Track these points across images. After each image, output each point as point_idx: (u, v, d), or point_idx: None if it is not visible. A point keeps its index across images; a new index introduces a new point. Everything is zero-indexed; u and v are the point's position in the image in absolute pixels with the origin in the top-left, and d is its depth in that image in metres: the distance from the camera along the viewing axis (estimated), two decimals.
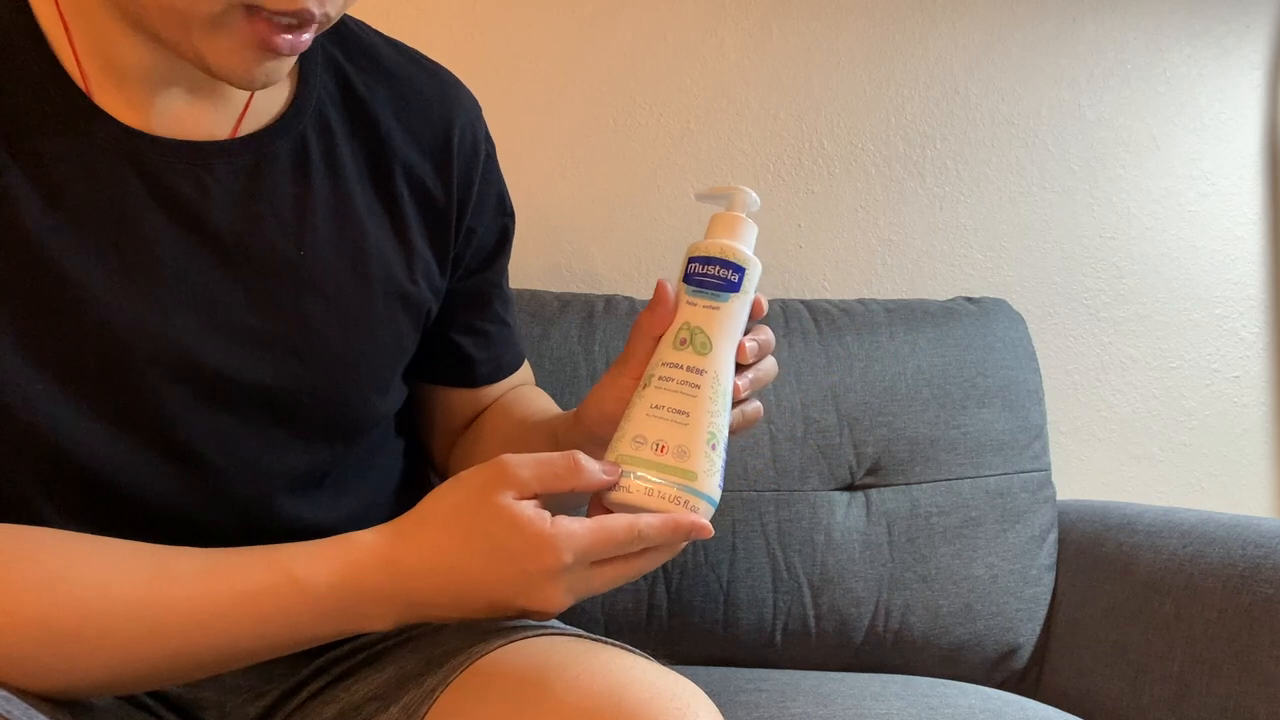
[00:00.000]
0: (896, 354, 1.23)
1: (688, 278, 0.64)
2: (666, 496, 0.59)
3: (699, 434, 0.60)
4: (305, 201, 0.65)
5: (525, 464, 0.58)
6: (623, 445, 0.61)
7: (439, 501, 0.59)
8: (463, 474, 0.59)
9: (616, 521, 0.57)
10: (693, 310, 0.63)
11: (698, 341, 0.62)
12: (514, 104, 1.36)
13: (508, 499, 0.56)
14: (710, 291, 0.63)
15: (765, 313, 0.66)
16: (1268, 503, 1.57)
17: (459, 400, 0.83)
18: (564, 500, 0.60)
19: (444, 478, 0.84)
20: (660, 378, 0.61)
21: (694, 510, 0.59)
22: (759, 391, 0.67)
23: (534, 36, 1.36)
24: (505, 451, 0.68)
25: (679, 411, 0.60)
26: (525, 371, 0.88)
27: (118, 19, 0.57)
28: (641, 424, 0.60)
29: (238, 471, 0.65)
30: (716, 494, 0.61)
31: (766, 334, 0.66)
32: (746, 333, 0.65)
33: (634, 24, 1.39)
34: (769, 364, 0.67)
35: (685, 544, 0.61)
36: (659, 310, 0.63)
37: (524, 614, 0.58)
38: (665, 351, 0.62)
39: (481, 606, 0.58)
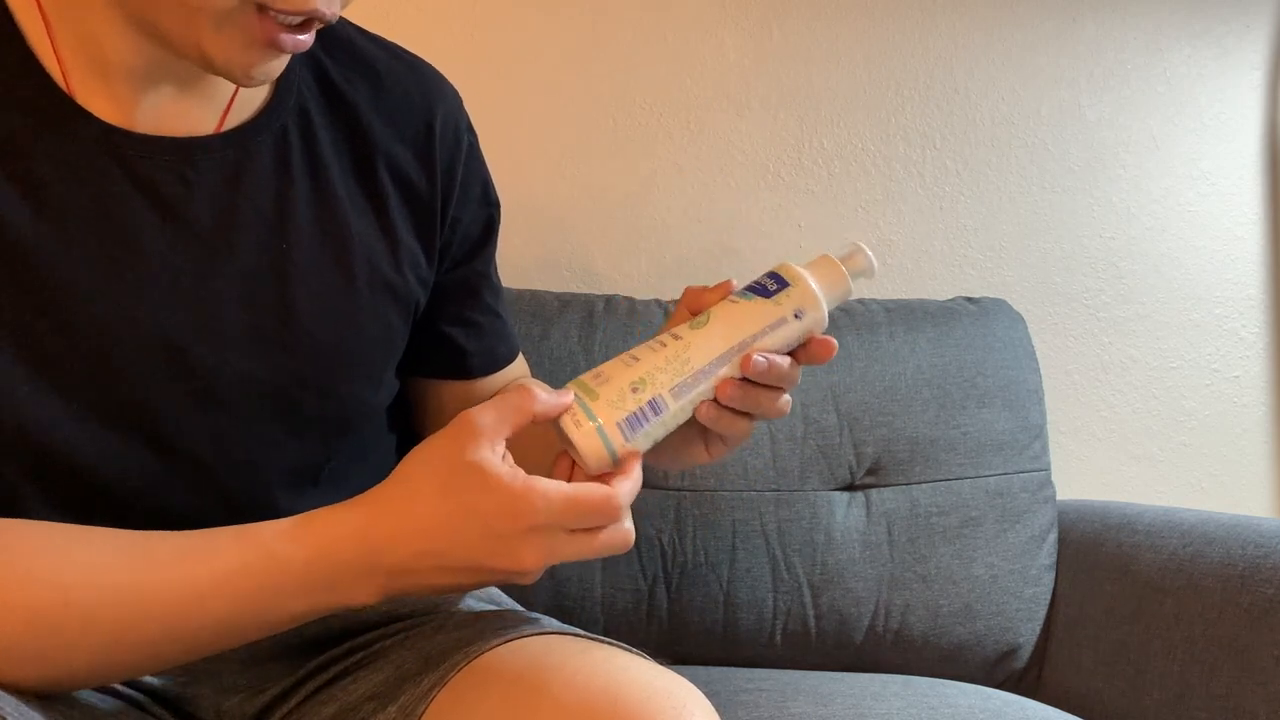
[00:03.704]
0: (896, 354, 1.23)
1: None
2: (561, 404, 0.60)
3: (630, 373, 0.61)
4: (288, 195, 0.65)
5: (486, 410, 0.58)
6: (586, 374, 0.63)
7: (411, 467, 0.59)
8: (431, 436, 0.59)
9: (594, 490, 0.57)
10: (722, 302, 0.65)
11: (698, 319, 0.63)
12: (514, 104, 1.36)
13: (477, 455, 0.56)
14: (745, 292, 0.64)
15: (827, 356, 0.65)
16: (1268, 503, 1.57)
17: (455, 394, 0.83)
18: (539, 444, 0.62)
19: None
20: (653, 338, 0.64)
21: (576, 423, 0.59)
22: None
23: (534, 36, 1.36)
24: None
25: (634, 357, 0.62)
26: (521, 365, 0.88)
27: (110, 15, 0.57)
28: (609, 362, 0.63)
29: (231, 469, 0.65)
30: (614, 433, 0.59)
31: (792, 371, 0.64)
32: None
33: (634, 24, 1.39)
34: (781, 402, 0.65)
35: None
36: (708, 293, 0.65)
37: (503, 577, 0.57)
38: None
39: (458, 569, 0.57)
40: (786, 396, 0.66)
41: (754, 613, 1.15)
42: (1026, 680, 1.22)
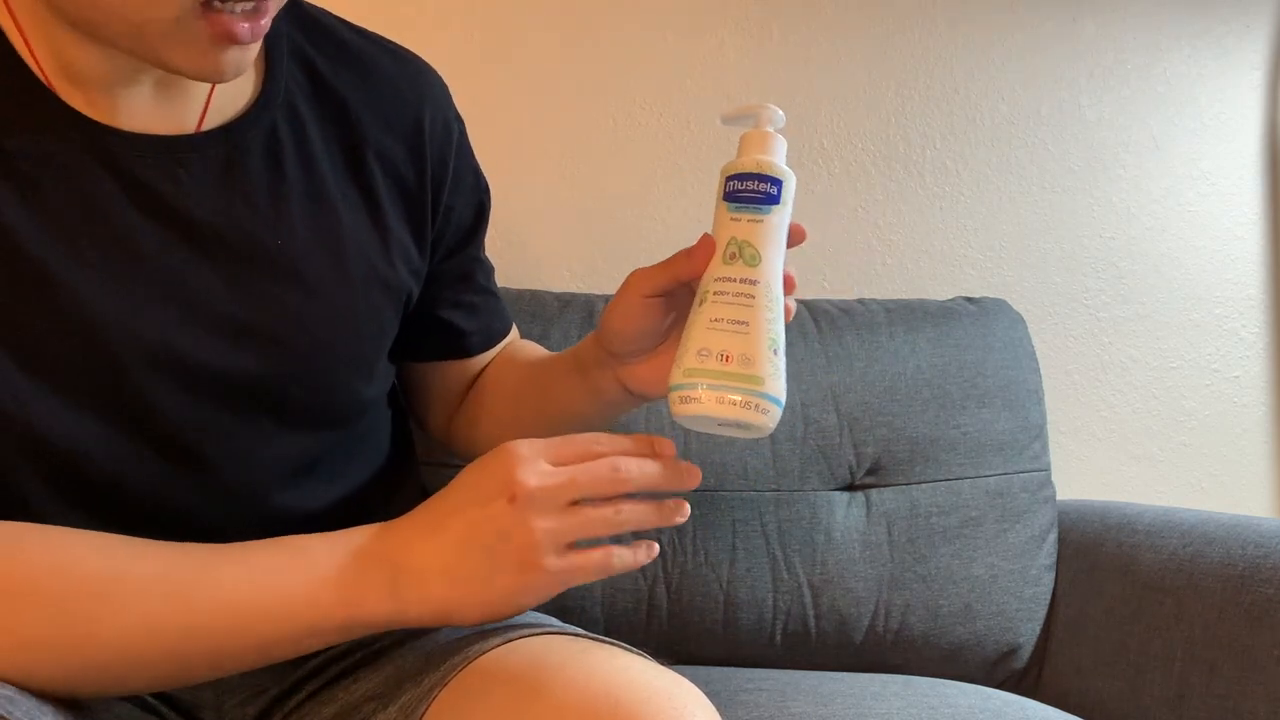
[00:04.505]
0: (896, 354, 1.23)
1: (728, 196, 0.66)
2: (738, 402, 0.61)
3: (760, 341, 0.62)
4: (280, 191, 0.66)
5: (530, 441, 0.60)
6: (688, 359, 0.62)
7: (443, 490, 0.62)
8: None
9: (578, 435, 0.60)
10: (737, 225, 0.65)
11: (746, 254, 0.64)
12: (514, 104, 1.36)
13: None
14: (752, 206, 0.65)
15: (804, 238, 0.68)
16: (1268, 503, 1.57)
17: (454, 371, 0.85)
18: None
19: (445, 447, 0.88)
20: (716, 292, 0.63)
21: (765, 413, 0.61)
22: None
23: (534, 37, 1.36)
24: (513, 403, 0.76)
25: (738, 322, 0.62)
26: (514, 334, 0.90)
27: (70, 30, 0.57)
28: (704, 337, 0.62)
29: (228, 462, 0.65)
30: (783, 396, 0.63)
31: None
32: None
33: (634, 24, 1.39)
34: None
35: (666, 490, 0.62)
36: (695, 259, 0.65)
37: (498, 537, 0.58)
38: (716, 267, 0.64)
39: (455, 538, 0.58)
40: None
41: (754, 613, 1.15)
42: (1026, 680, 1.22)
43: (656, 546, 0.62)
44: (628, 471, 0.60)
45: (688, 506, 0.61)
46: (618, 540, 0.61)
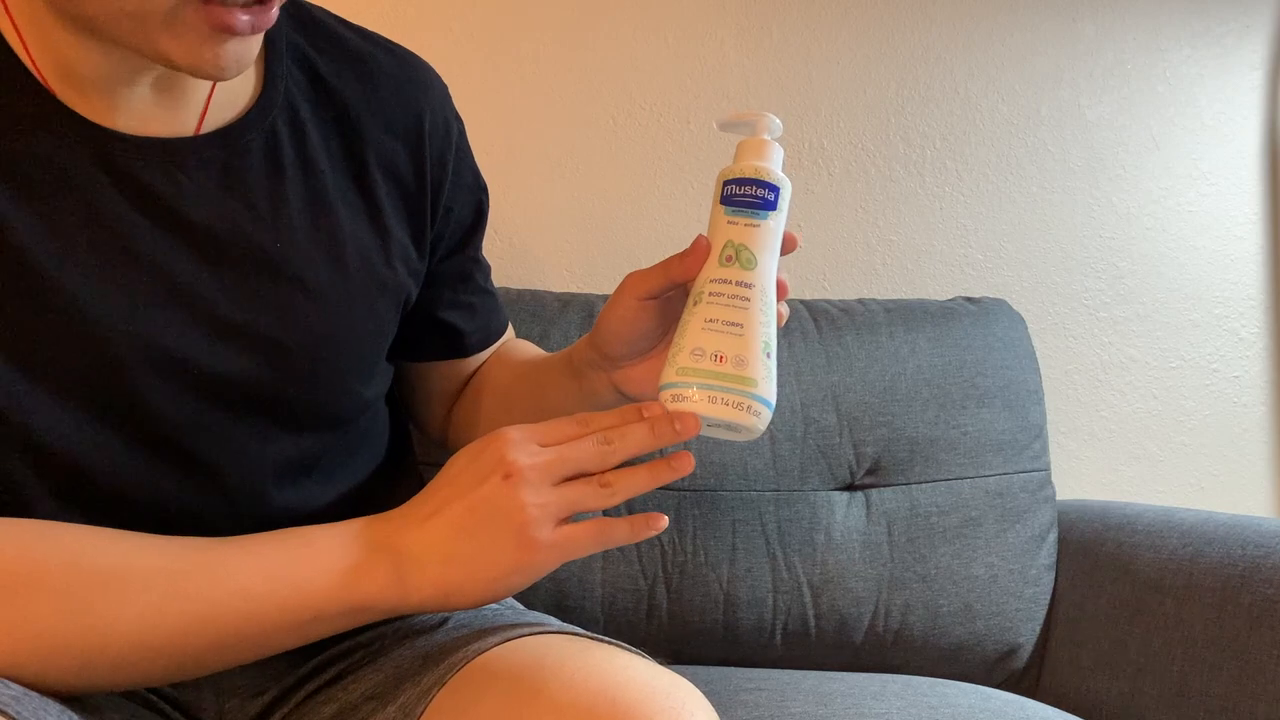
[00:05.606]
0: (896, 354, 1.23)
1: (725, 199, 0.66)
2: (730, 402, 0.61)
3: (754, 343, 0.63)
4: (280, 193, 0.66)
5: (519, 426, 0.61)
6: (682, 358, 0.63)
7: (438, 475, 0.63)
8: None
9: (566, 418, 0.61)
10: (734, 229, 0.65)
11: (743, 257, 0.65)
12: (514, 104, 1.36)
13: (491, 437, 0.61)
14: (750, 210, 0.65)
15: (797, 247, 0.68)
16: (1268, 503, 1.57)
17: (451, 371, 0.85)
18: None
19: (440, 446, 0.88)
20: (711, 293, 0.64)
21: (756, 415, 0.62)
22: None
23: (534, 37, 1.36)
24: (507, 402, 0.77)
25: (733, 323, 0.63)
26: (509, 332, 0.91)
27: (68, 29, 0.57)
28: (698, 337, 0.63)
29: (227, 464, 0.65)
30: (773, 399, 0.63)
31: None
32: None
33: (634, 24, 1.39)
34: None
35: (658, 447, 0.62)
36: (690, 261, 0.65)
37: (494, 515, 0.58)
38: (712, 269, 0.65)
39: (452, 522, 0.59)
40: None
41: (754, 613, 1.15)
42: (1026, 680, 1.22)
43: (664, 518, 0.62)
44: (615, 442, 0.60)
45: (688, 457, 0.61)
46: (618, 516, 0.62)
